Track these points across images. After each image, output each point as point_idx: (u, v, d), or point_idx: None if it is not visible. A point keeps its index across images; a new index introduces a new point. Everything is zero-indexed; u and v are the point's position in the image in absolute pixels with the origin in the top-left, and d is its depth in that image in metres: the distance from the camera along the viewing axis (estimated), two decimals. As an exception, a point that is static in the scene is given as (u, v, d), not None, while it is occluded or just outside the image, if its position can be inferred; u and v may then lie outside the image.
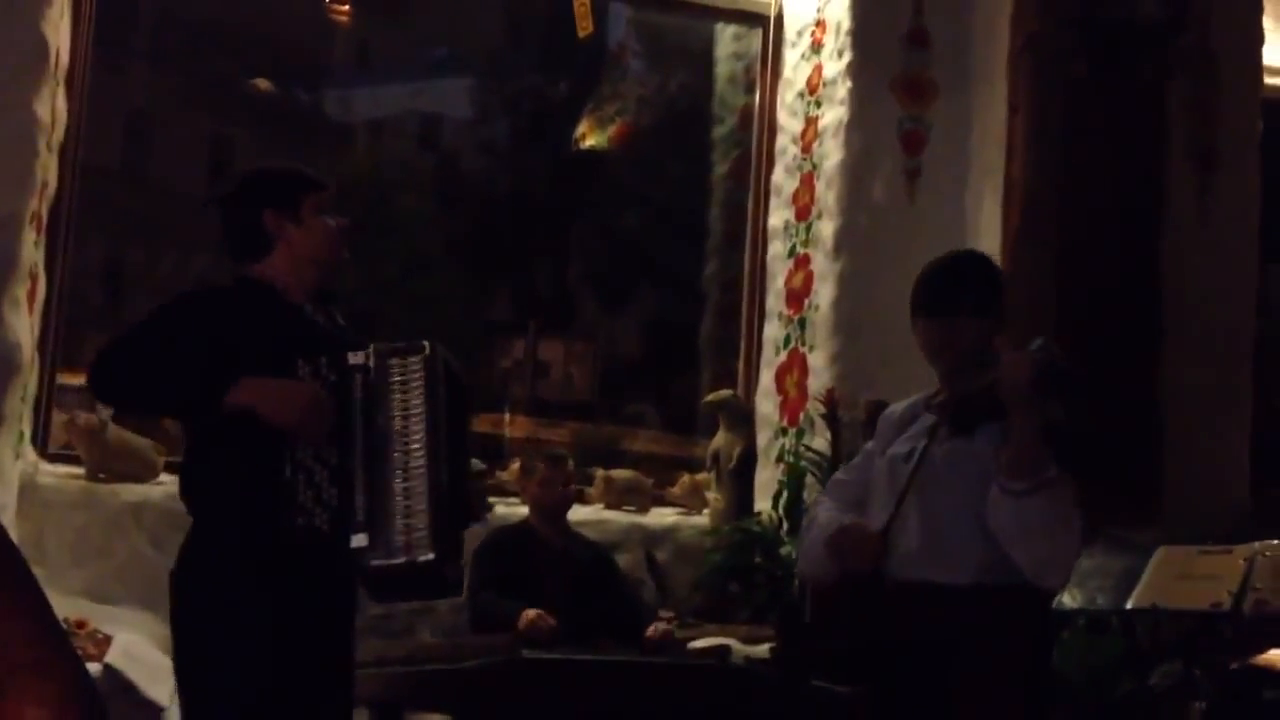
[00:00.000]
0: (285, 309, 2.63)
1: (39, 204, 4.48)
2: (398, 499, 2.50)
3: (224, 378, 2.47)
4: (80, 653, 3.39)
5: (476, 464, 4.74)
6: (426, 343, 2.61)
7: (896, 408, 2.78)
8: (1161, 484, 4.59)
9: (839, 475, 2.94)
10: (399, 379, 2.57)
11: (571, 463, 4.44)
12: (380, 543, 2.49)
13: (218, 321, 2.56)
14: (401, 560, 2.49)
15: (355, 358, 2.58)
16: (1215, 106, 5.04)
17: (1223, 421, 4.87)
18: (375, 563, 2.50)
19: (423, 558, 2.49)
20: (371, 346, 2.60)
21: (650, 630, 4.03)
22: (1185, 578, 3.57)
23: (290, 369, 2.53)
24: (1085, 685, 3.55)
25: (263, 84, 8.86)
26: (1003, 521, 2.42)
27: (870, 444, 2.80)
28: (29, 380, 4.47)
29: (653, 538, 5.25)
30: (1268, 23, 5.30)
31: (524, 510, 4.42)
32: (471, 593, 4.14)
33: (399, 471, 2.52)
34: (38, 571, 2.21)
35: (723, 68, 6.43)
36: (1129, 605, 3.58)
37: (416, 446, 2.53)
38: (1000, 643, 2.46)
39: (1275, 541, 3.46)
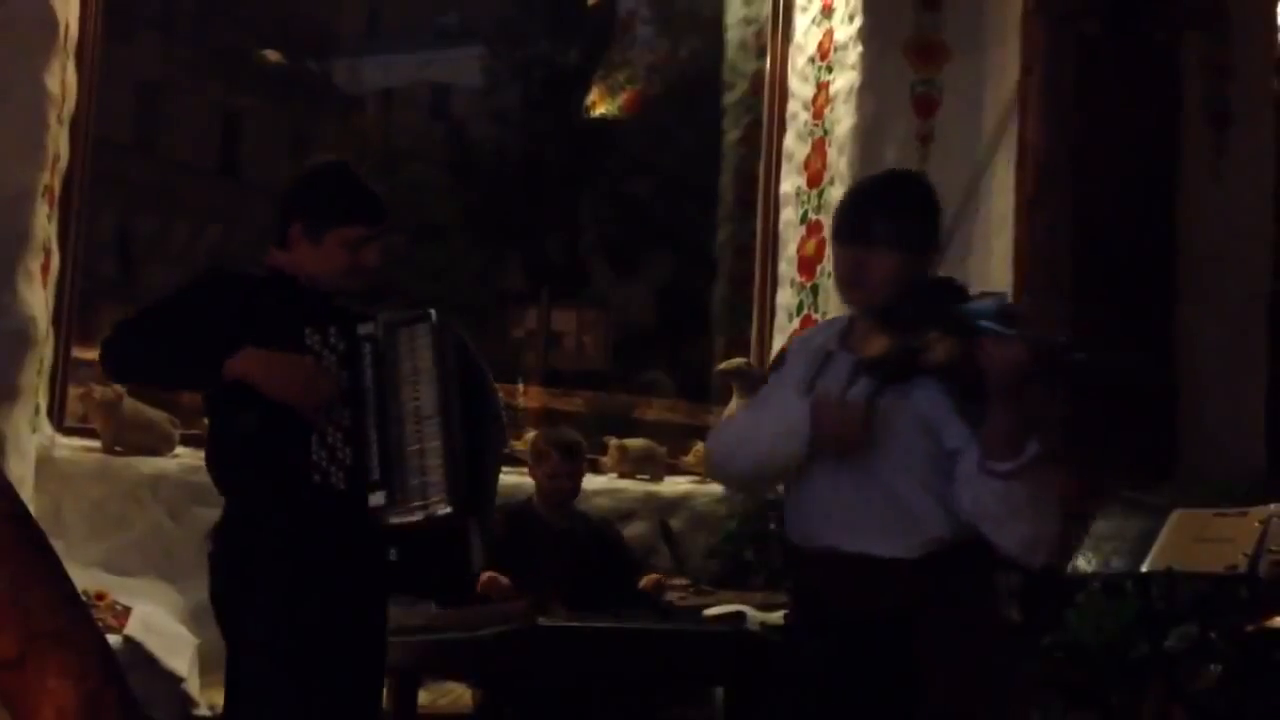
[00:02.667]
0: (299, 293, 2.67)
1: (51, 177, 4.48)
2: (411, 457, 2.55)
3: (223, 348, 2.51)
4: (100, 625, 3.42)
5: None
6: (431, 310, 2.66)
7: (807, 338, 2.58)
8: (1177, 446, 4.59)
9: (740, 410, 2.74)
10: (408, 346, 2.62)
11: (584, 446, 4.38)
12: (397, 500, 2.53)
13: (233, 297, 2.61)
14: (420, 517, 2.53)
15: (364, 328, 2.63)
16: (1229, 65, 5.01)
17: (1238, 382, 4.86)
18: (394, 520, 2.53)
19: (440, 511, 2.53)
20: (379, 317, 2.65)
21: (643, 581, 4.04)
22: (1201, 540, 3.56)
23: (298, 338, 2.57)
24: (1100, 648, 3.56)
25: (273, 55, 8.85)
26: (985, 503, 2.26)
27: (775, 375, 2.57)
28: (44, 353, 4.48)
29: (667, 506, 5.26)
30: (1283, -20, 5.26)
31: (531, 481, 4.41)
32: None
33: (412, 431, 2.56)
34: (56, 544, 2.23)
35: (733, 33, 6.40)
36: (1144, 568, 3.58)
37: (428, 408, 2.58)
38: (957, 607, 2.33)
39: (1291, 503, 3.46)
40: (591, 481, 5.09)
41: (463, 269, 8.77)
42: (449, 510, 2.53)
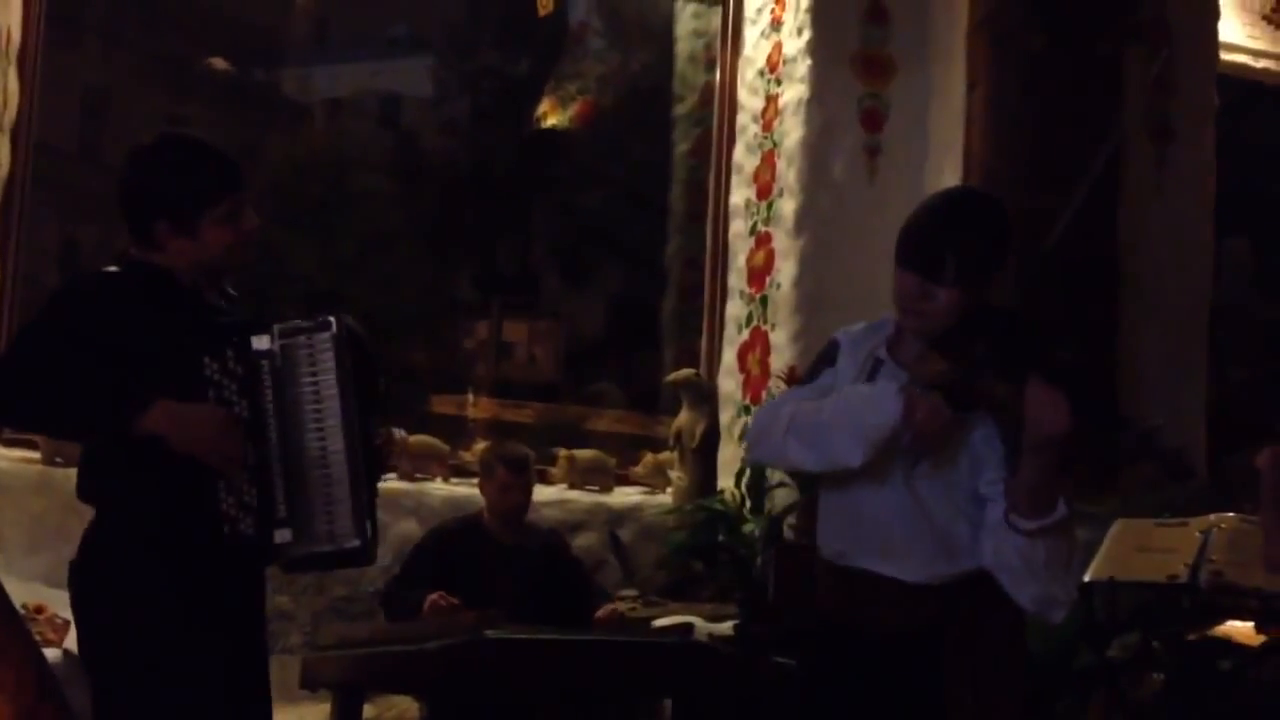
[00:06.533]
0: (179, 296, 2.48)
1: (-9, 185, 4.43)
2: (318, 489, 2.42)
3: (132, 403, 2.33)
4: (39, 638, 3.37)
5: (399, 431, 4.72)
6: (333, 318, 2.46)
7: (856, 339, 2.47)
8: (1118, 456, 4.63)
9: (799, 390, 2.55)
10: (307, 359, 2.44)
11: (533, 459, 4.36)
12: (304, 536, 2.42)
13: (114, 323, 2.40)
14: (328, 549, 2.45)
15: (259, 342, 2.44)
16: (1171, 80, 5.08)
17: (1179, 392, 4.91)
18: (299, 553, 2.44)
19: (349, 545, 2.44)
20: (276, 328, 2.46)
21: (600, 612, 4.03)
22: (1142, 550, 3.60)
23: (197, 368, 2.41)
24: (1043, 657, 3.58)
25: (219, 63, 8.76)
26: (1005, 556, 2.23)
27: (829, 374, 2.48)
28: (-17, 364, 4.42)
29: (616, 517, 5.26)
30: (1223, -1, 5.36)
31: (479, 494, 4.38)
32: (386, 589, 4.13)
33: (317, 460, 2.43)
34: (-9, 557, 2.19)
35: (683, 46, 6.42)
36: (1086, 578, 3.61)
37: (333, 431, 2.43)
38: (981, 630, 2.31)
39: (1231, 514, 3.50)
40: (541, 492, 5.08)
41: (412, 279, 8.71)
42: (357, 544, 2.44)
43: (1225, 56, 5.59)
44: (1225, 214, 5.34)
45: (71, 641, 3.92)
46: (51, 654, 3.45)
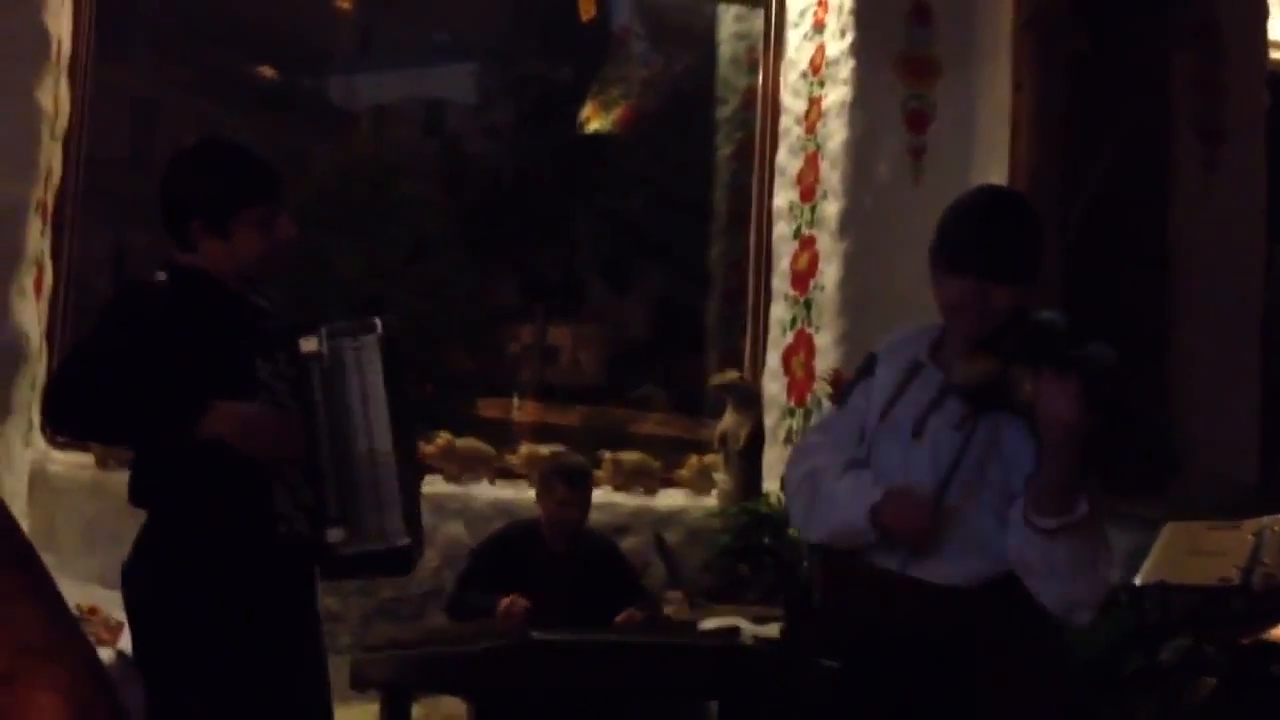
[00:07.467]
0: (225, 300, 2.52)
1: (44, 193, 4.49)
2: (368, 488, 2.46)
3: (191, 409, 2.36)
4: (93, 639, 3.40)
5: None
6: (379, 320, 2.52)
7: (896, 346, 2.49)
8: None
9: (831, 420, 2.57)
10: (354, 361, 2.49)
11: (590, 470, 4.35)
12: (356, 535, 2.45)
13: (168, 329, 2.43)
14: (380, 547, 2.48)
15: (308, 344, 2.49)
16: (1220, 80, 5.03)
17: (1231, 395, 4.87)
18: (349, 551, 2.47)
19: (400, 543, 2.48)
20: (323, 330, 2.51)
21: (620, 616, 4.01)
22: (1194, 553, 3.57)
23: (250, 371, 2.45)
24: (1094, 662, 3.56)
25: (267, 71, 8.85)
26: (1025, 555, 2.21)
27: (864, 384, 2.50)
28: (38, 369, 4.48)
29: (661, 520, 5.26)
30: (1272, -4, 5.30)
31: (527, 491, 4.40)
32: (452, 596, 4.15)
33: (366, 460, 2.47)
34: (49, 559, 2.22)
35: (725, 49, 6.42)
36: (1137, 581, 3.58)
37: (381, 431, 2.47)
38: (1012, 633, 2.30)
39: (1284, 516, 3.47)
40: (586, 496, 5.10)
41: (457, 284, 8.75)
42: (407, 541, 2.48)
43: (1275, 55, 5.53)
44: (1277, 215, 5.28)
45: (124, 643, 3.98)
46: (105, 654, 3.50)
